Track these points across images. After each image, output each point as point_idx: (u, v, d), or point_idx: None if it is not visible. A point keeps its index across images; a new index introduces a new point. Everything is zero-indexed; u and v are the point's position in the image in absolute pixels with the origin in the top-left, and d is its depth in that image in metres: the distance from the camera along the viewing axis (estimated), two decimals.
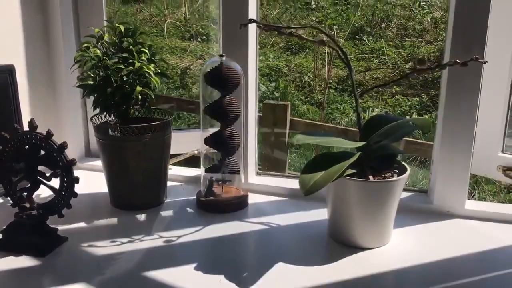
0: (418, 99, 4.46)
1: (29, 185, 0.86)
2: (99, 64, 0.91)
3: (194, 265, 0.81)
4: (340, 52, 0.88)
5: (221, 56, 0.96)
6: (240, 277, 0.78)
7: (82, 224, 0.95)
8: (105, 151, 0.98)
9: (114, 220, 0.97)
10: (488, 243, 0.88)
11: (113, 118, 0.99)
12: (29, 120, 0.84)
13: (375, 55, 5.28)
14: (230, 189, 1.05)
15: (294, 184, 1.09)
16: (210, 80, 0.96)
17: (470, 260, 0.83)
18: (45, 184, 0.86)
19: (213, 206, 1.01)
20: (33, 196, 0.87)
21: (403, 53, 5.18)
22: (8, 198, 0.89)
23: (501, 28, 1.03)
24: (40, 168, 0.86)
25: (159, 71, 0.97)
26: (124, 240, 0.89)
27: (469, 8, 0.89)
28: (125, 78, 0.92)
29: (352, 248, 0.85)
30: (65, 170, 0.83)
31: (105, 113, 1.00)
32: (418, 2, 5.79)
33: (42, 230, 0.86)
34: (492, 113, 1.09)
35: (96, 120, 0.99)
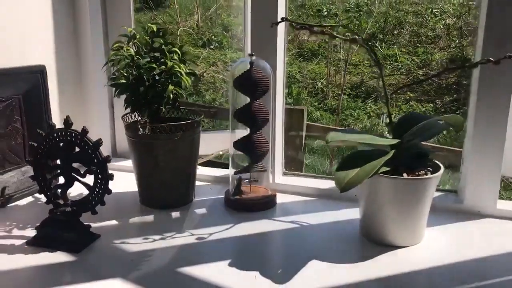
0: (432, 105, 4.44)
1: (63, 181, 0.87)
2: (132, 63, 0.92)
3: (227, 261, 0.81)
4: (369, 51, 0.88)
5: (251, 55, 0.97)
6: (275, 274, 0.77)
7: (113, 222, 0.95)
8: (136, 149, 0.98)
9: (144, 218, 0.97)
10: None
11: (144, 117, 1.00)
12: (65, 117, 0.84)
13: (388, 62, 5.27)
14: (258, 189, 1.05)
15: (321, 184, 1.09)
16: (239, 85, 0.97)
17: (502, 260, 0.82)
18: (80, 181, 0.86)
19: (242, 205, 1.01)
20: (67, 193, 0.88)
21: (416, 60, 5.17)
22: (42, 195, 0.89)
23: None
24: (74, 165, 0.86)
25: (189, 71, 0.98)
26: (156, 237, 0.89)
27: (502, 4, 0.89)
28: (157, 77, 0.93)
29: (385, 246, 0.85)
30: (100, 166, 0.84)
31: (136, 113, 1.01)
32: (430, 9, 5.79)
33: (76, 227, 0.86)
34: None
35: (126, 119, 1.00)
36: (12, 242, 0.87)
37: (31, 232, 0.89)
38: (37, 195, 1.07)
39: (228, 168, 1.05)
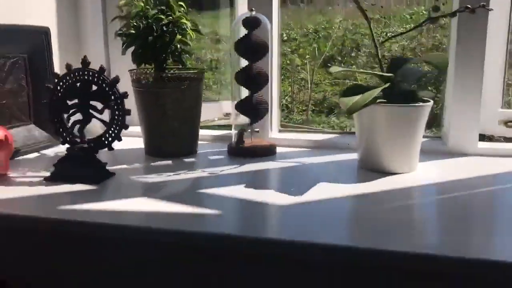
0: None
1: (81, 119, 0.91)
2: (141, 13, 0.98)
3: (243, 185, 0.87)
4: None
5: (250, 10, 1.05)
6: (289, 191, 0.83)
7: (125, 166, 0.99)
8: (143, 100, 1.03)
9: (154, 163, 1.01)
10: (497, 168, 0.97)
11: (150, 69, 1.05)
12: (83, 57, 0.89)
13: (348, 81, 5.50)
14: (258, 140, 1.11)
15: (315, 137, 1.16)
16: (239, 50, 1.04)
17: (484, 179, 0.92)
18: (97, 118, 0.90)
19: (245, 151, 1.07)
20: (84, 131, 0.92)
21: (372, 80, 5.41)
22: (59, 136, 0.92)
23: None
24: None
25: (194, 27, 1.04)
26: (170, 173, 0.94)
27: None
28: (165, 28, 0.99)
29: (383, 173, 0.93)
30: (118, 102, 0.88)
31: (143, 66, 1.06)
32: (385, 33, 6.09)
33: (93, 163, 0.90)
34: (490, 71, 1.20)
35: (133, 75, 1.05)
36: (29, 180, 0.90)
37: (46, 173, 0.92)
38: (43, 151, 1.10)
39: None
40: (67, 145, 0.92)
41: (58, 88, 0.91)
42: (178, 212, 0.75)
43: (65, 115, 0.92)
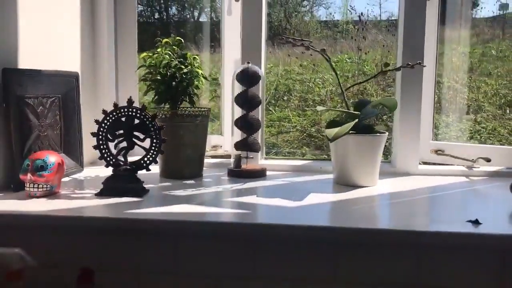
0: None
1: (125, 146, 1.15)
2: (166, 64, 1.25)
3: (254, 196, 1.14)
4: (328, 60, 1.31)
5: (248, 63, 1.35)
6: (291, 198, 1.12)
7: (151, 185, 1.23)
8: (165, 131, 1.28)
9: (173, 183, 1.26)
10: (432, 183, 1.32)
11: (164, 109, 1.31)
12: (129, 97, 1.14)
13: (283, 122, 5.90)
14: (251, 165, 1.39)
15: (296, 162, 1.46)
16: (240, 78, 1.34)
17: (422, 190, 1.25)
18: (139, 145, 1.15)
19: (243, 173, 1.34)
20: (127, 156, 1.16)
21: (305, 122, 5.85)
22: (103, 160, 1.15)
23: (428, 46, 1.54)
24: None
25: (203, 75, 1.33)
26: (192, 189, 1.19)
27: (411, 32, 1.38)
28: (184, 76, 1.27)
29: (353, 186, 1.24)
30: (156, 133, 1.14)
31: (162, 105, 1.31)
32: (314, 79, 6.62)
33: (135, 180, 1.14)
34: (423, 112, 1.57)
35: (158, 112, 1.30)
36: (81, 195, 1.12)
37: (92, 191, 1.14)
38: (74, 175, 1.31)
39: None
40: (110, 168, 1.14)
41: (105, 121, 1.14)
42: (224, 212, 1.01)
43: (111, 144, 1.15)
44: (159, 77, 1.26)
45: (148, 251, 0.99)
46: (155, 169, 1.32)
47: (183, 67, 1.26)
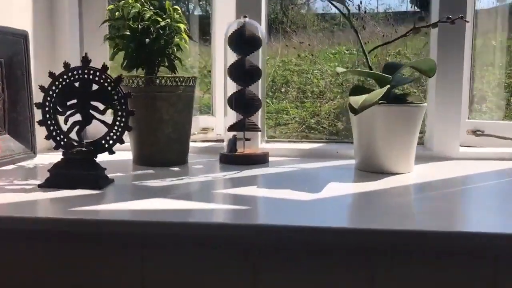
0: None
1: (80, 120, 0.85)
2: (138, 15, 0.95)
3: (255, 186, 0.85)
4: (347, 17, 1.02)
5: (244, 17, 1.05)
6: (305, 190, 0.83)
7: (119, 174, 0.93)
8: (138, 105, 0.98)
9: (149, 171, 0.97)
10: (477, 168, 1.03)
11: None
12: (84, 54, 0.84)
13: (281, 114, 5.63)
14: (250, 150, 1.10)
15: (303, 146, 1.17)
16: (234, 42, 1.04)
17: (472, 178, 0.97)
18: (98, 119, 0.85)
19: (239, 159, 1.05)
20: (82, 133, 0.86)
21: (304, 113, 5.58)
22: (52, 140, 0.86)
23: None
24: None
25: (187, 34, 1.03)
26: (173, 178, 0.90)
27: None
28: (161, 31, 0.97)
29: (382, 174, 0.94)
30: (122, 102, 0.84)
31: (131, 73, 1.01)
32: (312, 70, 6.36)
33: (93, 167, 0.84)
34: None
35: (126, 80, 1.00)
36: (20, 187, 0.82)
37: (37, 181, 0.85)
38: (20, 163, 1.01)
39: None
40: (61, 151, 0.85)
41: (54, 88, 0.85)
42: (213, 208, 0.71)
43: (61, 117, 0.85)
44: (128, 33, 0.96)
45: (105, 264, 0.70)
46: (126, 154, 1.02)
47: (159, 19, 0.97)
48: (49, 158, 1.04)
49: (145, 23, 0.96)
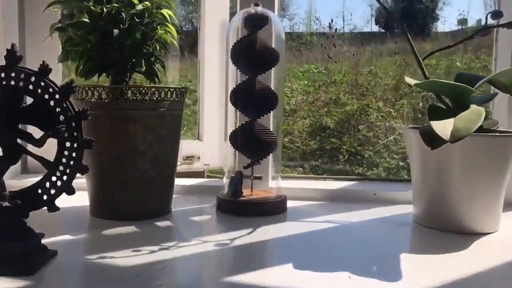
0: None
1: (0, 156, 0.51)
2: None
3: (288, 264, 0.52)
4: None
5: (256, 5, 0.74)
6: (370, 271, 0.51)
7: (68, 237, 0.60)
8: (97, 127, 0.65)
9: (115, 230, 0.63)
10: None
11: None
12: (11, 45, 0.51)
13: None
14: (258, 192, 0.78)
15: (327, 185, 0.86)
16: (243, 58, 0.73)
17: None
18: (31, 153, 0.51)
19: (247, 207, 0.73)
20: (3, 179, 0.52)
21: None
22: None
23: None
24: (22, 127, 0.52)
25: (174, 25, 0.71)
26: (153, 248, 0.56)
27: None
28: (137, 19, 0.64)
29: (457, 233, 0.64)
30: (72, 126, 0.51)
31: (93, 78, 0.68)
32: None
33: (22, 234, 0.50)
34: None
35: (80, 90, 0.67)
36: None
37: None
38: None
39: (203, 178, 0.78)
40: None
41: None
42: None
43: None
44: (86, 19, 0.63)
45: None
46: (80, 197, 0.68)
47: (135, 1, 0.64)
48: None
49: (113, 6, 0.63)
